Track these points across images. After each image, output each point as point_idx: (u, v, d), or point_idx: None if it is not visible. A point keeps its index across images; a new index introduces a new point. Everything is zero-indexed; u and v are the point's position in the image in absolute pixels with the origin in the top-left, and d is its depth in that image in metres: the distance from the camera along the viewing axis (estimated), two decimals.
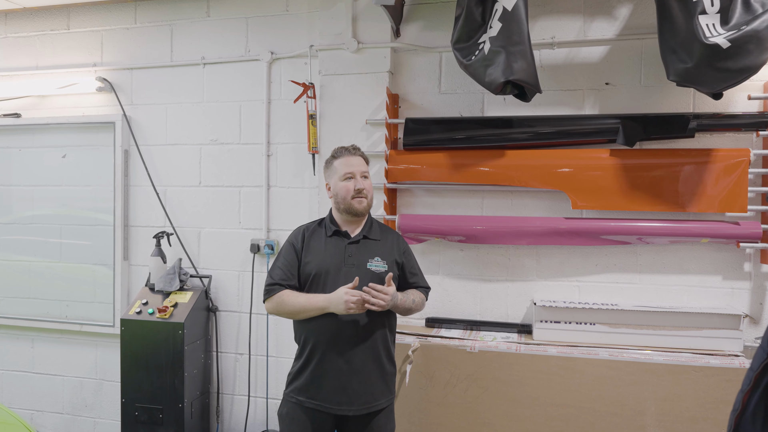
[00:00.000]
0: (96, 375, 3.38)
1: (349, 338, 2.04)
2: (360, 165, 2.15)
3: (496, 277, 2.78)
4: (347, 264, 2.09)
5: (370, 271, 2.09)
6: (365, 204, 2.13)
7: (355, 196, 2.11)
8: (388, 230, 2.27)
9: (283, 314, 2.11)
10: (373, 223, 2.22)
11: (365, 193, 2.12)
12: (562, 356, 2.38)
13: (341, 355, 2.03)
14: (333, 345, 2.04)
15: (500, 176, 2.65)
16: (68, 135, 3.38)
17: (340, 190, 2.13)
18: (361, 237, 2.15)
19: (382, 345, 2.10)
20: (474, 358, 2.47)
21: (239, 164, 3.12)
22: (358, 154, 2.17)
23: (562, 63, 2.69)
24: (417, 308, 2.19)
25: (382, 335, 2.11)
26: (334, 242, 2.14)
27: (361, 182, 2.12)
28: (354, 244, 2.13)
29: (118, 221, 3.26)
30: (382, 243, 2.18)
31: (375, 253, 2.13)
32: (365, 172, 2.16)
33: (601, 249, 2.66)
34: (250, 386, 3.12)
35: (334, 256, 2.10)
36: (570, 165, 2.57)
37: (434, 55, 2.84)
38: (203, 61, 3.14)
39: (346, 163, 2.13)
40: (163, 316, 2.89)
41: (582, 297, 2.69)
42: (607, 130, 2.54)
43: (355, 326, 2.04)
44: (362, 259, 2.11)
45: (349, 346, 2.03)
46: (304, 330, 2.10)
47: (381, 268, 2.11)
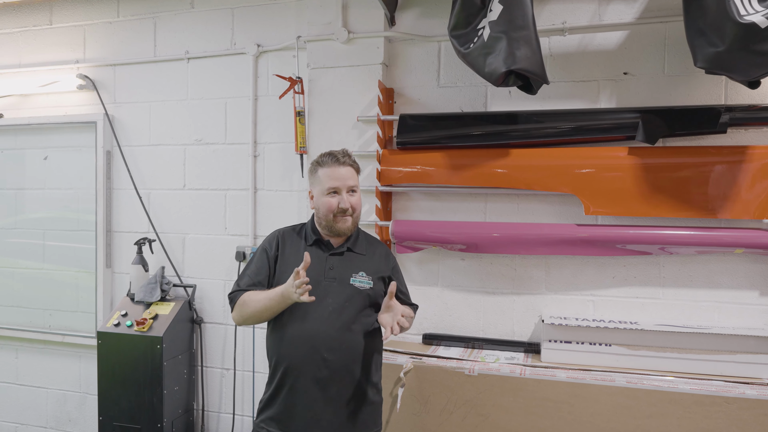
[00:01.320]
0: (80, 388, 3.21)
1: (324, 361, 1.79)
2: (348, 178, 1.87)
3: (500, 289, 2.51)
4: (327, 277, 1.85)
5: (352, 287, 1.85)
6: (349, 224, 1.88)
7: (338, 216, 1.86)
8: (376, 243, 2.03)
9: (248, 318, 1.86)
10: (359, 234, 1.98)
11: (350, 211, 1.87)
12: (572, 382, 2.10)
13: (315, 381, 1.79)
14: (305, 369, 1.80)
15: (505, 178, 2.38)
16: (50, 136, 3.21)
17: (321, 206, 1.88)
18: (345, 249, 1.90)
19: (364, 370, 1.86)
20: (473, 381, 2.21)
21: (225, 166, 2.91)
22: (347, 163, 1.89)
23: (574, 51, 2.40)
24: (408, 327, 1.93)
25: (365, 359, 1.86)
26: (313, 252, 1.89)
27: (347, 199, 1.85)
28: (336, 256, 1.89)
29: (100, 226, 3.08)
30: (368, 258, 1.93)
31: (360, 267, 1.89)
32: (354, 186, 1.88)
33: (618, 260, 2.37)
34: (235, 404, 2.90)
35: (313, 267, 1.84)
36: (583, 165, 2.28)
37: (432, 45, 2.58)
38: (187, 56, 2.94)
39: (332, 174, 1.86)
40: (141, 329, 2.70)
41: (597, 313, 2.40)
42: (626, 125, 2.24)
43: (332, 348, 1.80)
44: (345, 273, 1.87)
45: (324, 371, 1.79)
46: (274, 351, 1.87)
47: (365, 284, 1.87)
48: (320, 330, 1.79)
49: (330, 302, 1.81)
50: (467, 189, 2.48)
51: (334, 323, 1.79)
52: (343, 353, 1.80)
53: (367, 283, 1.86)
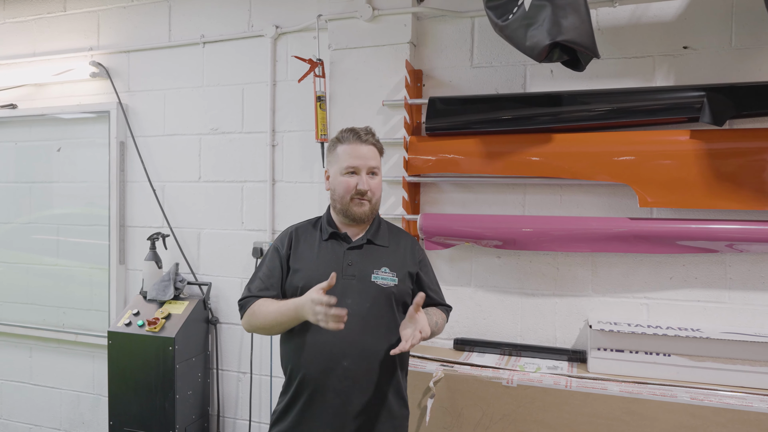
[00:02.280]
0: (93, 390, 3.08)
1: (345, 371, 1.58)
2: (369, 157, 1.67)
3: (541, 290, 2.26)
4: (346, 275, 1.64)
5: (374, 285, 1.63)
6: (367, 208, 1.67)
7: (354, 198, 1.65)
8: (401, 233, 1.81)
9: (258, 330, 1.67)
10: (381, 224, 1.76)
11: (369, 195, 1.66)
12: (627, 396, 1.85)
13: (334, 393, 1.59)
14: (323, 379, 1.59)
15: (547, 166, 2.13)
16: (64, 126, 3.09)
17: (338, 186, 1.68)
18: (364, 241, 1.69)
19: (390, 381, 1.65)
20: (512, 393, 1.97)
21: (242, 156, 2.73)
22: (370, 141, 1.69)
23: (626, 24, 2.14)
24: (438, 332, 1.72)
25: (390, 368, 1.65)
26: (330, 247, 1.69)
27: (366, 181, 1.65)
28: (355, 250, 1.68)
29: (114, 221, 2.94)
30: (391, 250, 1.71)
31: (382, 262, 1.67)
32: (375, 167, 1.68)
33: (676, 258, 2.10)
34: (251, 410, 2.72)
35: (329, 264, 1.65)
36: (637, 151, 2.02)
37: (465, 22, 2.35)
38: (203, 40, 2.77)
39: (352, 152, 1.66)
40: (153, 329, 2.54)
41: (651, 318, 2.13)
42: (687, 105, 1.97)
43: (354, 355, 1.59)
44: (366, 269, 1.65)
45: (344, 382, 1.59)
46: (289, 358, 1.67)
47: (389, 281, 1.65)
48: (340, 335, 1.56)
49: (349, 303, 1.59)
50: (504, 179, 2.25)
51: (354, 327, 1.57)
52: (366, 361, 1.59)
53: (392, 280, 1.65)
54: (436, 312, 1.74)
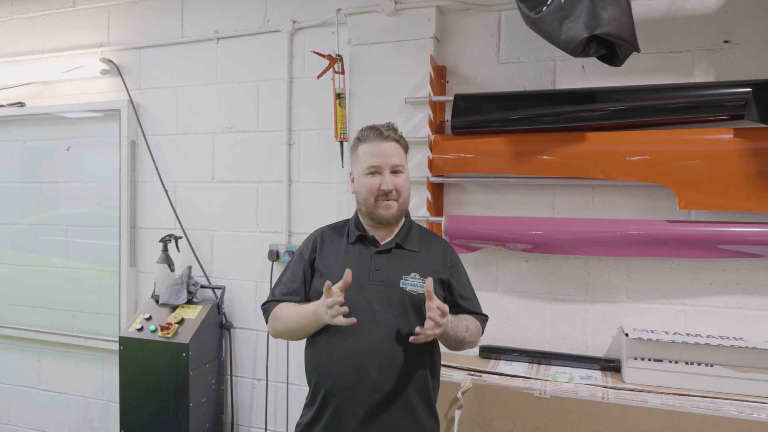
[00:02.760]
0: (103, 395, 3.00)
1: (374, 383, 1.49)
2: (392, 155, 1.57)
3: (571, 296, 2.16)
4: (373, 280, 1.55)
5: (403, 292, 1.54)
6: (394, 210, 1.57)
7: (380, 199, 1.55)
8: (432, 237, 1.71)
9: (282, 334, 1.62)
10: (411, 227, 1.66)
11: (395, 195, 1.56)
12: (669, 410, 1.75)
13: (363, 407, 1.49)
14: (351, 392, 1.50)
15: (578, 166, 2.04)
16: (73, 125, 3.01)
17: (361, 188, 1.58)
18: (392, 245, 1.60)
19: (421, 393, 1.55)
20: (545, 405, 1.87)
21: (257, 155, 2.65)
22: (391, 138, 1.59)
23: (662, 17, 2.04)
24: (471, 340, 1.60)
25: (421, 379, 1.56)
26: (357, 251, 1.60)
27: (390, 180, 1.55)
28: (383, 254, 1.59)
29: (124, 222, 2.86)
30: (422, 255, 1.62)
31: (412, 267, 1.58)
32: (399, 165, 1.57)
33: (716, 263, 1.99)
34: (267, 418, 2.64)
35: (355, 269, 1.53)
36: (678, 151, 1.92)
37: (491, 15, 2.25)
38: (216, 36, 2.69)
39: (373, 150, 1.57)
40: (166, 334, 2.45)
41: (689, 326, 2.03)
42: (730, 102, 1.87)
43: (383, 366, 1.50)
44: (394, 274, 1.56)
45: (374, 395, 1.49)
46: (314, 368, 1.58)
47: (419, 287, 1.55)
48: (368, 345, 1.49)
49: (377, 310, 1.51)
50: (532, 179, 2.15)
51: (383, 336, 1.49)
52: (396, 373, 1.50)
53: (421, 286, 1.54)
54: (466, 317, 1.62)
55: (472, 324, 1.61)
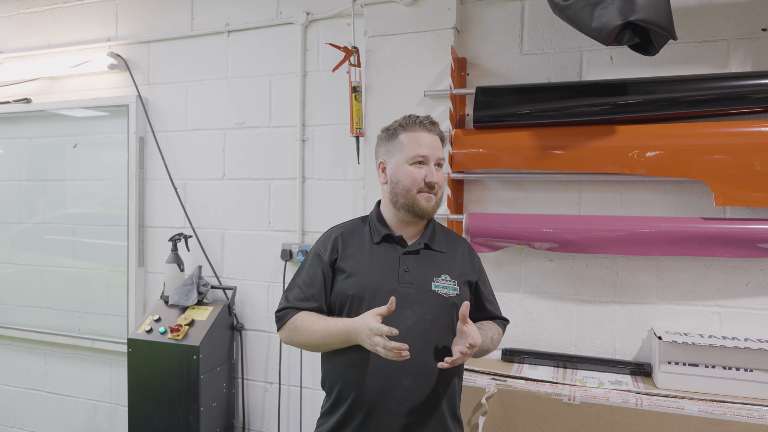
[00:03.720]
0: (111, 399, 2.92)
1: (405, 392, 1.41)
2: (437, 148, 1.52)
3: (598, 297, 2.07)
4: (403, 282, 1.46)
5: (435, 295, 1.46)
6: (433, 203, 1.50)
7: (423, 191, 1.47)
8: (456, 238, 1.64)
9: (300, 346, 1.51)
10: (436, 227, 1.59)
11: (437, 189, 1.50)
12: (707, 417, 1.65)
13: (395, 416, 1.41)
14: (381, 401, 1.41)
15: (606, 161, 1.95)
16: (80, 122, 2.94)
17: (403, 178, 1.48)
18: (421, 246, 1.51)
19: (448, 400, 1.48)
20: (574, 412, 1.78)
21: (269, 152, 2.57)
22: (435, 131, 1.53)
23: (695, 4, 1.95)
24: (494, 348, 1.58)
25: (451, 386, 1.49)
26: (383, 252, 1.50)
27: (434, 173, 1.48)
28: (412, 255, 1.50)
29: (133, 221, 2.78)
30: (450, 256, 1.54)
31: (442, 269, 1.50)
32: (441, 158, 1.53)
33: (752, 262, 1.90)
34: (280, 423, 2.55)
35: (383, 270, 1.47)
36: (714, 144, 1.83)
37: (514, 5, 2.17)
38: (227, 29, 2.61)
39: (419, 140, 1.49)
40: (176, 336, 2.37)
41: (724, 328, 1.94)
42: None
43: (416, 374, 1.41)
44: (424, 276, 1.47)
45: (405, 405, 1.41)
46: (337, 375, 1.48)
47: (451, 290, 1.47)
48: None
49: (408, 315, 1.43)
50: (558, 175, 2.06)
51: (415, 343, 1.38)
52: (428, 380, 1.42)
53: (453, 289, 1.48)
54: (491, 327, 1.59)
55: (496, 333, 1.59)
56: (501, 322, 1.66)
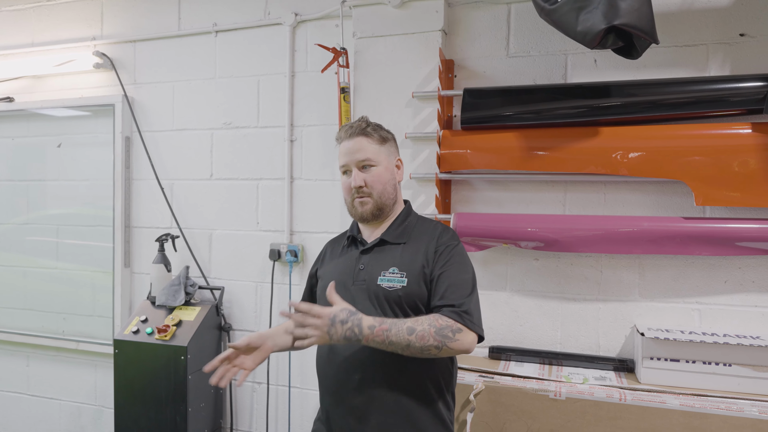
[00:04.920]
0: (95, 401, 2.90)
1: (359, 384, 1.43)
2: (358, 150, 1.51)
3: (583, 295, 2.12)
4: (357, 280, 1.49)
5: (381, 289, 1.45)
6: (369, 206, 1.51)
7: (356, 197, 1.53)
8: (428, 226, 1.57)
9: None
10: (407, 219, 1.57)
11: (367, 190, 1.50)
12: (688, 411, 1.70)
13: (350, 410, 1.45)
14: (339, 393, 1.47)
15: (590, 162, 1.99)
16: (64, 121, 2.91)
17: (342, 189, 1.59)
18: (376, 242, 1.53)
19: (416, 395, 1.44)
20: (560, 407, 1.82)
21: (257, 152, 2.57)
22: (357, 133, 1.53)
23: (676, 9, 2.01)
24: (425, 345, 1.32)
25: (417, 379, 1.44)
26: (348, 253, 1.59)
27: (358, 176, 1.50)
28: (367, 253, 1.53)
29: (118, 221, 2.76)
30: (407, 246, 1.50)
31: (393, 262, 1.47)
32: (366, 160, 1.51)
33: (731, 260, 1.96)
34: (268, 422, 2.55)
35: (342, 272, 1.53)
36: (693, 146, 1.88)
37: (500, 8, 2.20)
38: (215, 29, 2.61)
39: (342, 150, 1.57)
40: (163, 337, 2.36)
41: (703, 324, 2.00)
42: (747, 96, 1.84)
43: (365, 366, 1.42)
44: (374, 271, 1.48)
45: (359, 398, 1.43)
46: (316, 370, 1.60)
47: (397, 283, 1.44)
48: (349, 349, 1.44)
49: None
50: (543, 176, 2.10)
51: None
52: (380, 374, 1.41)
53: (399, 282, 1.44)
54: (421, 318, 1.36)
55: (424, 324, 1.33)
56: (450, 311, 1.37)
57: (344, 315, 1.32)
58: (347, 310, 1.34)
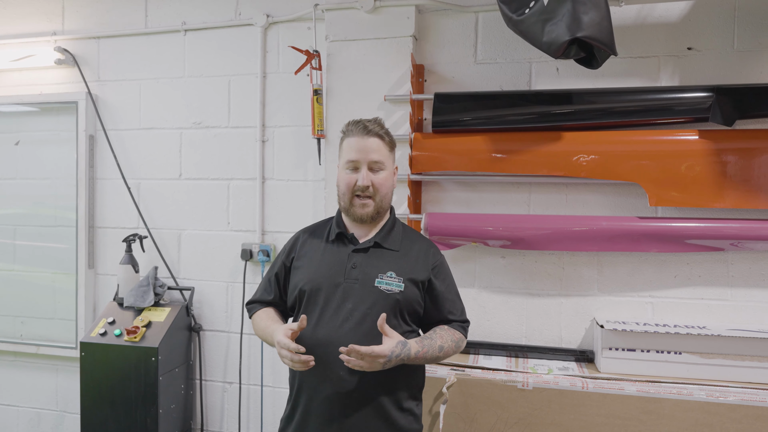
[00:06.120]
0: (56, 406, 2.82)
1: (341, 381, 1.47)
2: (372, 150, 1.54)
3: (546, 290, 2.24)
4: (348, 278, 1.53)
5: (377, 291, 1.51)
6: (370, 209, 1.55)
7: (356, 196, 1.55)
8: (417, 237, 1.68)
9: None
10: (395, 226, 1.64)
11: (372, 191, 1.54)
12: (644, 396, 1.84)
13: (329, 405, 1.48)
14: (319, 389, 1.50)
15: (553, 165, 2.11)
16: (23, 118, 2.82)
17: (341, 182, 1.59)
18: (371, 244, 1.57)
19: (393, 395, 1.52)
20: (527, 396, 1.92)
21: (228, 152, 2.57)
22: (374, 134, 1.55)
23: (631, 23, 2.15)
24: (447, 356, 1.55)
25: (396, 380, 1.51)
26: (335, 249, 1.59)
27: (367, 177, 1.53)
28: (361, 253, 1.57)
29: (82, 221, 2.70)
30: (401, 254, 1.58)
31: (389, 266, 1.54)
32: (379, 161, 1.55)
33: (680, 257, 2.12)
34: (240, 422, 2.56)
35: (331, 267, 1.55)
36: (647, 151, 2.03)
37: (469, 17, 2.29)
38: (184, 27, 2.59)
39: (354, 145, 1.55)
40: (133, 338, 2.33)
41: (656, 316, 2.15)
42: (696, 105, 1.99)
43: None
44: (370, 272, 1.53)
45: (340, 394, 1.48)
46: None
47: (395, 287, 1.51)
48: (334, 340, 1.46)
49: (349, 308, 1.50)
50: (509, 177, 2.21)
51: (352, 334, 1.46)
52: (365, 372, 1.44)
53: (397, 286, 1.52)
54: (443, 334, 1.55)
55: (447, 341, 1.54)
56: (459, 326, 1.61)
57: (398, 349, 1.41)
58: (400, 344, 1.42)
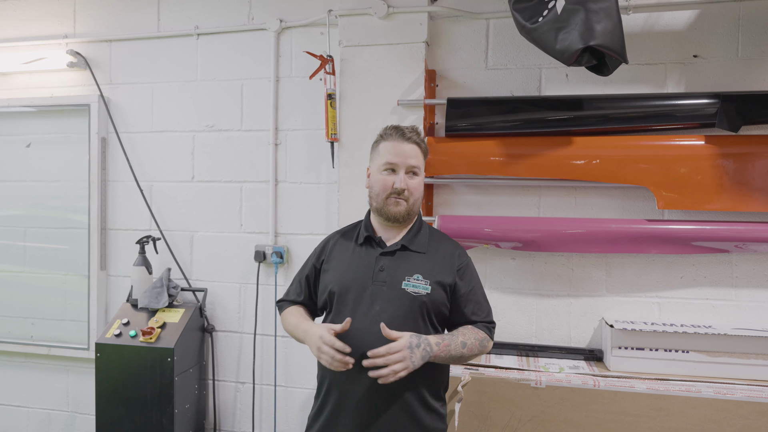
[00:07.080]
0: (67, 407, 2.83)
1: (372, 383, 1.49)
2: (410, 155, 1.61)
3: (556, 291, 2.29)
4: (376, 281, 1.58)
5: (404, 293, 1.56)
6: (403, 208, 1.61)
7: (391, 196, 1.60)
8: (443, 239, 1.73)
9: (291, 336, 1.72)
10: (421, 229, 1.69)
11: (407, 194, 1.60)
12: (654, 394, 1.90)
13: (359, 404, 1.53)
14: (349, 389, 1.55)
15: (563, 169, 2.16)
16: (35, 121, 2.83)
17: (375, 184, 1.64)
18: (398, 247, 1.63)
19: (420, 394, 1.57)
20: (540, 395, 1.98)
21: (241, 155, 2.60)
22: (413, 140, 1.63)
23: (639, 31, 2.21)
24: (471, 354, 1.57)
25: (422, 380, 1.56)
26: (363, 252, 1.64)
27: (404, 180, 1.59)
28: (388, 256, 1.62)
29: (94, 223, 2.72)
30: (428, 257, 1.63)
31: (416, 269, 1.59)
32: (415, 167, 1.62)
33: (686, 258, 2.18)
34: (254, 422, 2.60)
35: (360, 269, 1.61)
36: (656, 155, 2.08)
37: (480, 23, 2.34)
38: (197, 31, 2.62)
39: (393, 149, 1.61)
40: (149, 339, 2.36)
41: (663, 316, 2.21)
42: (702, 111, 2.06)
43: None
44: (397, 275, 1.58)
45: (370, 392, 1.52)
46: (320, 365, 1.65)
47: (421, 289, 1.57)
48: (365, 343, 1.49)
49: (377, 310, 1.55)
50: (520, 181, 2.26)
51: (382, 336, 1.48)
52: None
53: (424, 288, 1.57)
54: (466, 331, 1.59)
55: (471, 338, 1.57)
56: (485, 326, 1.64)
57: (415, 339, 1.46)
58: (414, 335, 1.47)
